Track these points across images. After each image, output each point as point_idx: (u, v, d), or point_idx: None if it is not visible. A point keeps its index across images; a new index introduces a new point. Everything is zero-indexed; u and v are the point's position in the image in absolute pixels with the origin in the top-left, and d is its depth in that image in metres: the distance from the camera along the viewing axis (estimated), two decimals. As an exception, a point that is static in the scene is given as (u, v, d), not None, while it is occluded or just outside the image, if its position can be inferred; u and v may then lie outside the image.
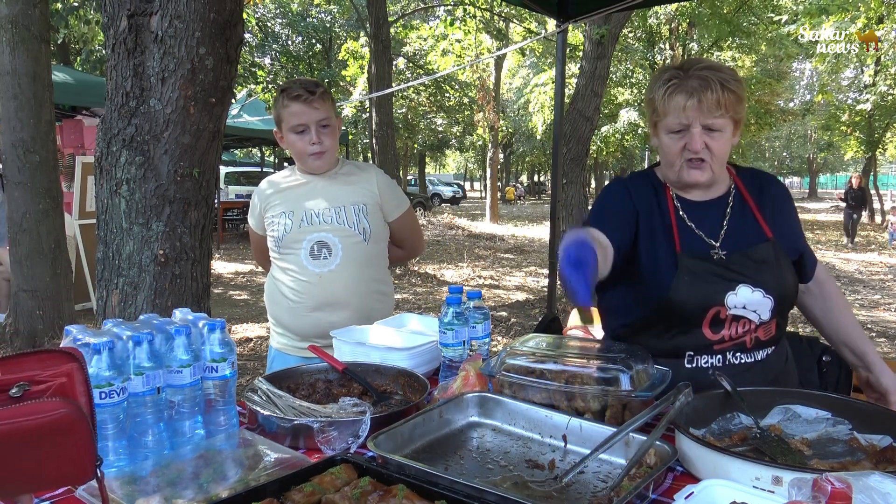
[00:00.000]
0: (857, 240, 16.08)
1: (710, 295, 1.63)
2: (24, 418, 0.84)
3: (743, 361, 1.67)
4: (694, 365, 1.67)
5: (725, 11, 16.69)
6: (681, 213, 1.74)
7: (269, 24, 23.67)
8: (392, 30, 14.24)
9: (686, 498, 1.02)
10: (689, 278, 1.64)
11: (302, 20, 24.05)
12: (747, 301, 1.63)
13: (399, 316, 2.23)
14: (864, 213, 17.10)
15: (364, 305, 2.25)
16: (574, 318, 3.14)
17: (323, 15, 24.81)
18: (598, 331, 2.85)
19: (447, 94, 25.04)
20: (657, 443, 1.20)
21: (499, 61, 21.06)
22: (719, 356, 1.67)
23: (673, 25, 20.04)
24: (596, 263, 1.34)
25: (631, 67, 21.50)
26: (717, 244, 1.68)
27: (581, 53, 8.42)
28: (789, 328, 1.84)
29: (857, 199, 16.57)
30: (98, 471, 0.91)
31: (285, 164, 23.85)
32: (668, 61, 21.21)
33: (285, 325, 2.32)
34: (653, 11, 17.31)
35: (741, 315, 1.64)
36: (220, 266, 10.93)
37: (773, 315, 1.66)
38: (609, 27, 7.27)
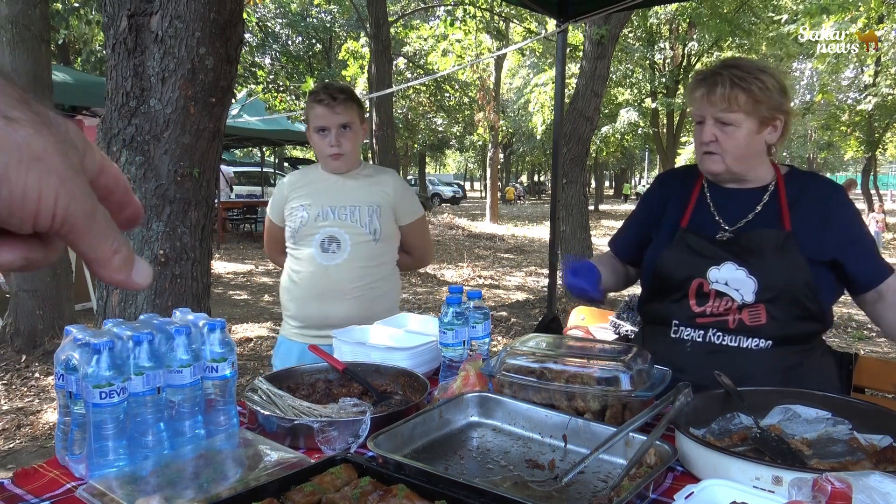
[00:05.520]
0: None
1: (695, 267, 1.73)
2: None
3: (724, 343, 1.71)
4: (678, 335, 1.77)
5: (725, 11, 16.69)
6: (706, 193, 1.84)
7: (269, 24, 23.66)
8: (392, 30, 14.23)
9: (686, 498, 1.02)
10: (679, 250, 1.77)
11: (302, 20, 24.04)
12: (729, 278, 1.70)
13: (399, 316, 2.24)
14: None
15: (366, 301, 2.34)
16: (574, 318, 3.14)
17: (323, 15, 24.80)
18: (598, 331, 2.85)
19: (447, 94, 25.04)
20: (657, 443, 1.20)
21: (499, 61, 21.05)
22: (701, 331, 1.74)
23: (673, 25, 20.05)
24: (593, 267, 1.79)
25: (631, 67, 21.49)
26: (731, 228, 1.75)
27: (581, 53, 8.41)
28: None
29: None
30: None
31: (286, 164, 23.85)
32: (667, 61, 21.22)
33: (291, 313, 2.43)
34: (653, 11, 17.31)
35: (723, 291, 1.70)
36: (220, 266, 10.93)
37: (757, 299, 1.67)
38: (609, 27, 7.27)
